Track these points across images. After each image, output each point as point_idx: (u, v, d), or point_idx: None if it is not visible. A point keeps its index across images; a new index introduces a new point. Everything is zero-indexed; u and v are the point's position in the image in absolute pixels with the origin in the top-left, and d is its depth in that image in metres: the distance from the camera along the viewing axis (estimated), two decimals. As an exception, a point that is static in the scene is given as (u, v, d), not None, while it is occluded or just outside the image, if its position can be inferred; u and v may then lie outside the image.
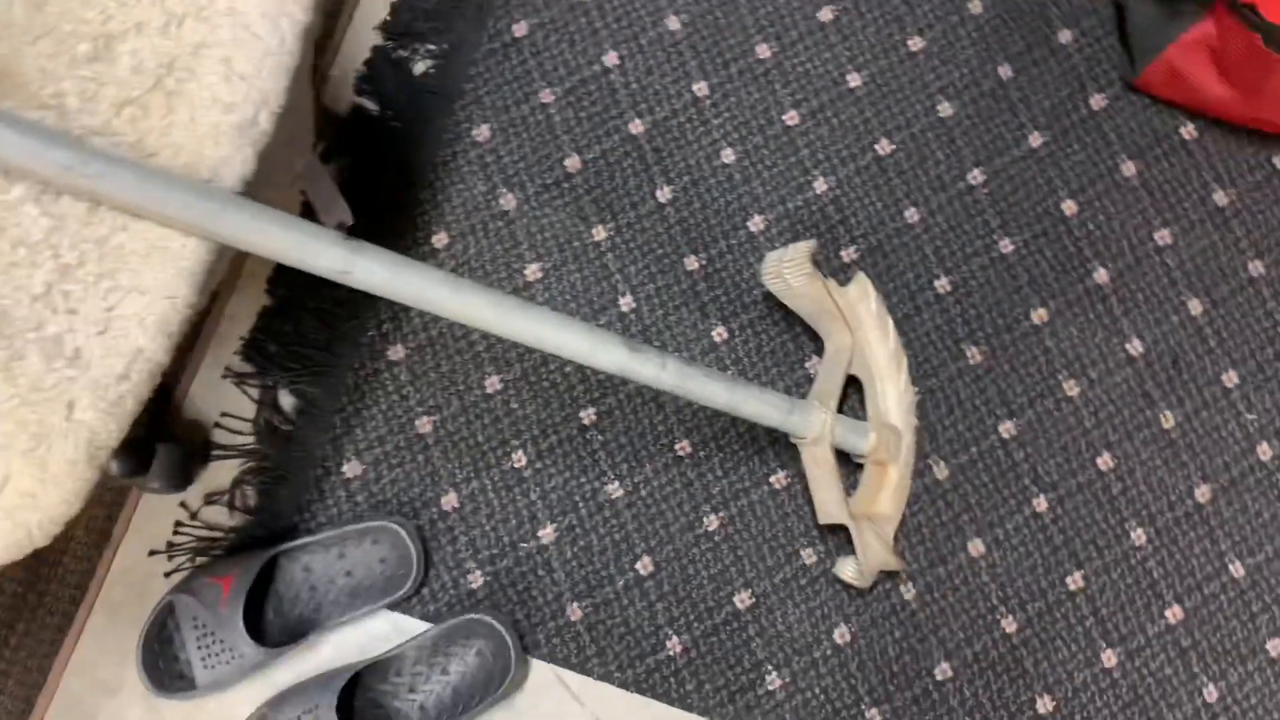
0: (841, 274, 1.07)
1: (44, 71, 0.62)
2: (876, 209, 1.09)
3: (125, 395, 0.63)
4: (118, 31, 0.63)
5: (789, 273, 0.97)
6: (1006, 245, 1.09)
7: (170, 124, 0.63)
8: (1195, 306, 1.09)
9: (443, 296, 0.73)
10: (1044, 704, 1.02)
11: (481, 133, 1.09)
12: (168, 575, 1.00)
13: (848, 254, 1.08)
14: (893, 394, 1.02)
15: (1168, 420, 1.07)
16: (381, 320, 1.05)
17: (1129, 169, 1.11)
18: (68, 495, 0.62)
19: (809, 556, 1.03)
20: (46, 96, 0.62)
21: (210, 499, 1.02)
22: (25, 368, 0.60)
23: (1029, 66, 1.12)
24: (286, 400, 1.04)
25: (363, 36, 1.11)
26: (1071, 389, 1.07)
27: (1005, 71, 1.12)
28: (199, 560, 1.01)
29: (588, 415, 1.05)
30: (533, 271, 1.07)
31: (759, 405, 0.90)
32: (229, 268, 1.05)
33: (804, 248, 0.97)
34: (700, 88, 1.11)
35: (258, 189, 0.70)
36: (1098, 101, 1.12)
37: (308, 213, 1.04)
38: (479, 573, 1.02)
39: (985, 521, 1.05)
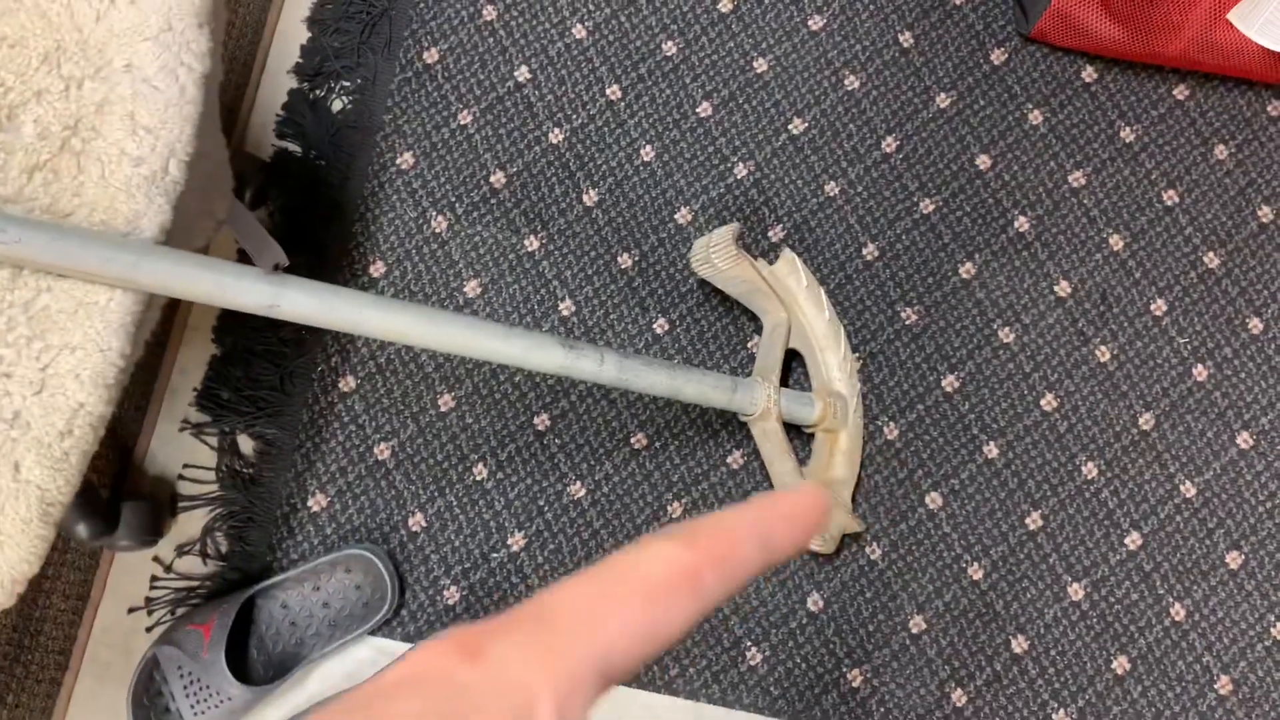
0: (771, 254, 1.10)
1: (-48, 148, 0.64)
2: (797, 187, 1.12)
3: (70, 451, 0.64)
4: (19, 101, 0.65)
5: (716, 257, 1.00)
6: (927, 206, 1.12)
7: (82, 183, 0.65)
8: (1116, 242, 1.12)
9: (373, 318, 0.75)
10: (1018, 643, 1.05)
11: (405, 160, 1.11)
12: (149, 630, 1.02)
13: (775, 234, 1.11)
14: (834, 362, 1.05)
15: (1104, 354, 1.10)
16: (330, 354, 1.07)
17: (1036, 117, 1.14)
18: (26, 554, 0.64)
19: (774, 530, 1.06)
20: (-43, 171, 0.64)
21: (182, 550, 1.04)
22: (-33, 435, 0.62)
23: (927, 31, 1.16)
24: (246, 444, 1.06)
25: (278, 81, 1.13)
26: (1007, 336, 1.10)
27: (905, 39, 1.15)
28: (178, 611, 1.02)
29: (542, 421, 1.07)
30: (472, 288, 1.09)
31: (701, 387, 0.93)
32: (173, 322, 1.07)
33: (727, 231, 1.00)
34: (613, 91, 1.13)
35: (181, 240, 0.72)
36: (998, 56, 1.15)
37: (243, 260, 1.06)
38: (454, 588, 1.04)
39: (940, 474, 1.08)
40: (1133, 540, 1.07)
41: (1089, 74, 1.16)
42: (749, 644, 1.04)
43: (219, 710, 0.96)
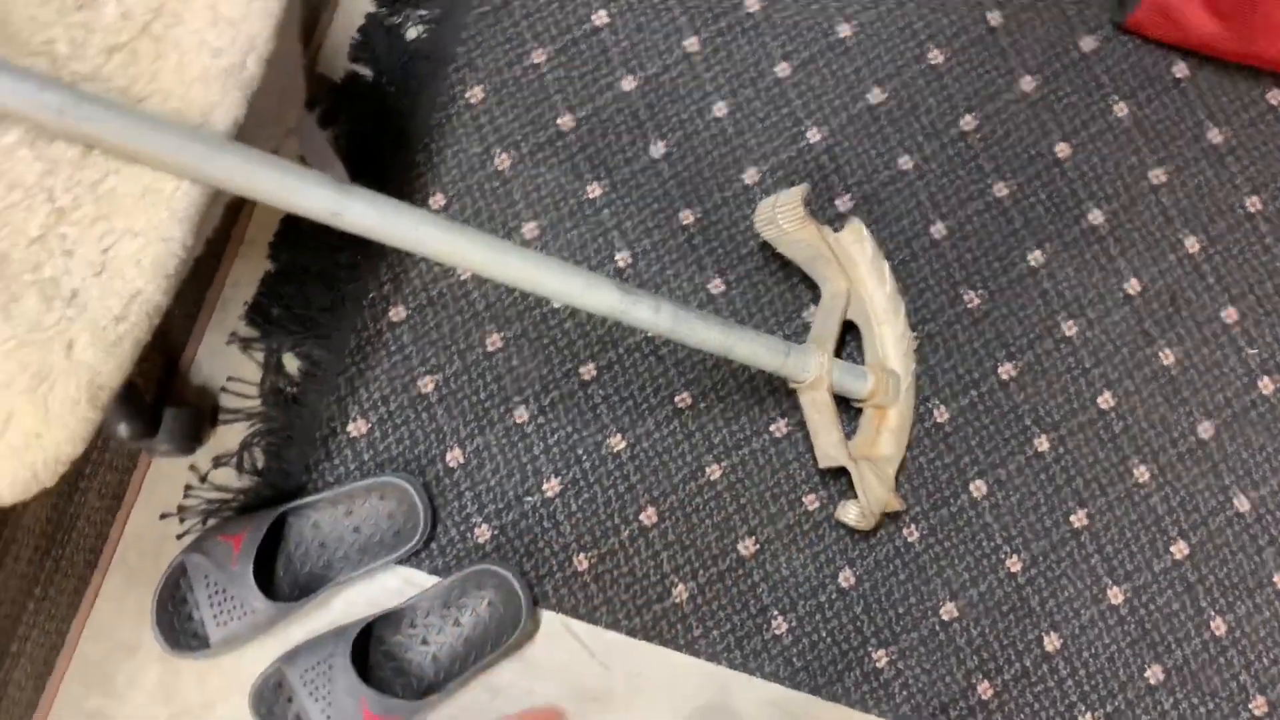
0: (836, 223, 1.08)
1: (34, 20, 0.63)
2: (870, 157, 1.10)
3: (124, 336, 0.64)
4: (104, -21, 0.64)
5: (782, 218, 0.98)
6: (1001, 189, 1.09)
7: (159, 69, 0.65)
8: (1192, 244, 1.09)
9: (434, 236, 0.74)
10: (1051, 641, 1.03)
11: (475, 94, 1.10)
12: (179, 537, 1.02)
13: (842, 203, 1.09)
14: (890, 338, 1.03)
15: (1167, 357, 1.07)
16: (382, 282, 1.06)
17: (1121, 110, 1.11)
18: (71, 435, 0.63)
19: (811, 502, 1.04)
20: (37, 44, 0.63)
21: (219, 461, 1.04)
22: (23, 309, 0.61)
23: (1017, 12, 1.13)
24: (291, 363, 1.06)
25: (356, 4, 1.12)
26: (1070, 329, 1.07)
27: (994, 17, 1.12)
28: (209, 521, 1.02)
29: (588, 370, 1.06)
30: (529, 230, 1.08)
31: (755, 347, 0.91)
32: (231, 234, 1.07)
33: (797, 192, 0.98)
34: (690, 43, 1.11)
35: (251, 141, 0.71)
36: (1088, 44, 1.12)
37: (306, 178, 1.05)
38: (485, 526, 1.03)
39: (987, 462, 1.05)
40: (1179, 549, 1.04)
41: (1180, 70, 1.12)
42: (776, 612, 1.03)
43: (241, 622, 0.96)
